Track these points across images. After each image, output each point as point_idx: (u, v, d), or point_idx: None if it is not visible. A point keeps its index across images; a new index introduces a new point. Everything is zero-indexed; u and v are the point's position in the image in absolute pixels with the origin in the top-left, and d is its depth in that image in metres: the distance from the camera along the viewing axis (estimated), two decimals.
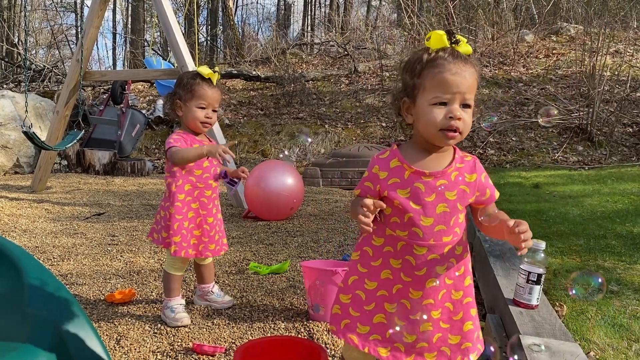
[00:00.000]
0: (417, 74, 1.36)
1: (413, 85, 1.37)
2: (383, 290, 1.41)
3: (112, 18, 23.23)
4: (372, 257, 1.43)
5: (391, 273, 1.40)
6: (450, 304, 1.41)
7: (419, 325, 1.39)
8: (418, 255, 1.38)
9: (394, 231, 1.40)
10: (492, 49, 11.15)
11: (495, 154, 7.51)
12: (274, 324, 2.37)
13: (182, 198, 2.37)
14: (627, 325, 2.10)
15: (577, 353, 1.64)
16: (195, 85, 2.34)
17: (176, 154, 2.29)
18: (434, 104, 1.33)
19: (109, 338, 2.20)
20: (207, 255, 2.48)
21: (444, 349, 1.40)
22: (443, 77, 1.31)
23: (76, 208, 5.23)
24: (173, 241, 2.33)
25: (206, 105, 2.34)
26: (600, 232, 3.49)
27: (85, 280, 2.98)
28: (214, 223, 2.46)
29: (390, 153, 1.43)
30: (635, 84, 8.20)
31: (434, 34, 1.34)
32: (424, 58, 1.34)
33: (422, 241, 1.37)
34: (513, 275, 2.37)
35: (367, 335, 1.41)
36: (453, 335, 1.41)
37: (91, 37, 5.78)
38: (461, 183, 1.39)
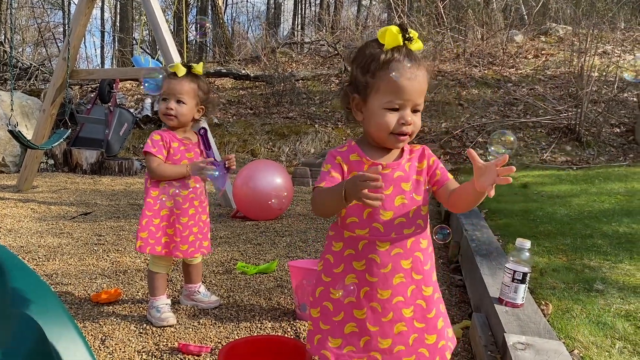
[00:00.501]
0: (371, 73, 1.33)
1: (366, 84, 1.34)
2: (350, 297, 1.36)
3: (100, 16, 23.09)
4: (334, 264, 1.39)
5: (356, 277, 1.36)
6: (422, 301, 1.37)
7: (392, 327, 1.34)
8: (381, 251, 1.34)
9: (353, 231, 1.37)
10: (482, 49, 11.20)
11: (484, 153, 7.54)
12: (261, 323, 2.36)
13: (155, 195, 2.37)
14: (611, 324, 2.12)
15: (561, 351, 1.64)
16: (163, 81, 2.37)
17: (156, 170, 2.32)
18: (386, 108, 1.32)
19: (94, 338, 2.18)
20: (178, 256, 2.44)
21: (422, 351, 1.36)
22: (399, 82, 1.29)
23: (62, 207, 5.19)
24: (139, 237, 2.34)
25: (167, 96, 2.33)
26: (587, 231, 3.51)
27: (70, 280, 2.95)
28: (189, 224, 2.42)
29: (349, 148, 1.41)
30: (623, 84, 8.26)
31: (389, 31, 1.31)
32: (380, 58, 1.31)
33: (384, 236, 1.34)
34: (499, 274, 2.38)
35: (341, 348, 1.35)
36: (429, 334, 1.37)
37: (78, 35, 5.73)
38: (414, 173, 1.39)
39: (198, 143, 2.49)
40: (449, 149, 7.75)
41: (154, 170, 2.32)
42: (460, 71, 10.36)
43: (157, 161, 2.32)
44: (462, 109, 8.90)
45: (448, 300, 2.71)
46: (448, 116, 8.71)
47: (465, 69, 10.41)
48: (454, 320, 2.47)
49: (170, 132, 2.39)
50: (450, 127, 8.28)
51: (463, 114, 8.72)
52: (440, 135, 8.06)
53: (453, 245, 3.45)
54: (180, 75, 2.33)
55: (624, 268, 2.78)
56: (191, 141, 2.46)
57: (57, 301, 1.59)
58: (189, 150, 2.43)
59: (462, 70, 10.34)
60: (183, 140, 2.42)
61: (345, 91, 1.41)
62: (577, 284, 2.53)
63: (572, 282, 2.56)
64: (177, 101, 2.34)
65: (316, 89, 10.90)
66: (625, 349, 1.93)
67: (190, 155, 2.42)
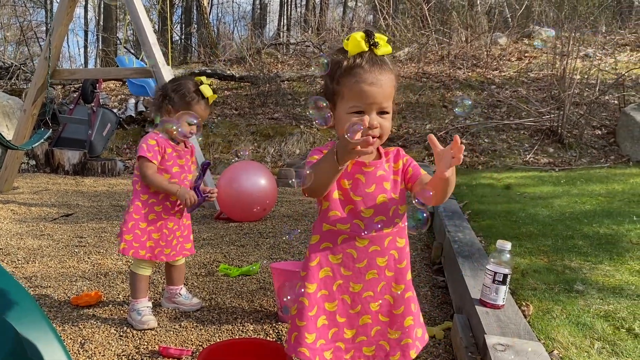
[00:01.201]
0: (336, 80, 1.36)
1: (333, 91, 1.38)
2: (323, 291, 1.39)
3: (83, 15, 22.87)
4: (309, 258, 1.42)
5: (330, 270, 1.39)
6: (390, 296, 1.42)
7: (358, 319, 1.39)
8: (359, 247, 1.38)
9: (334, 225, 1.39)
10: (466, 52, 11.28)
11: (468, 155, 7.59)
12: (243, 326, 2.35)
13: (145, 199, 2.36)
14: (590, 324, 2.14)
15: (540, 352, 1.66)
16: (192, 101, 2.34)
17: (150, 178, 2.30)
18: (351, 113, 1.34)
19: (73, 342, 2.15)
20: (162, 260, 2.44)
21: (382, 343, 1.40)
22: (359, 87, 1.32)
23: (43, 209, 5.12)
24: (124, 239, 2.33)
25: (197, 122, 2.32)
26: (568, 232, 3.55)
27: (50, 282, 2.91)
28: (174, 228, 2.44)
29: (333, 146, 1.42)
30: (604, 87, 8.37)
31: (352, 37, 1.34)
32: (342, 64, 1.34)
33: (364, 233, 1.38)
34: (481, 275, 2.39)
35: (315, 342, 1.37)
36: (393, 329, 1.41)
37: (60, 35, 5.66)
38: (392, 173, 1.43)
39: (189, 151, 2.49)
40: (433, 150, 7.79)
41: (148, 177, 2.31)
42: (444, 73, 10.42)
43: (152, 168, 2.31)
44: (446, 110, 8.95)
45: (430, 302, 2.72)
46: (432, 118, 8.76)
47: (449, 71, 10.48)
48: (435, 321, 2.48)
49: (166, 140, 2.38)
50: (435, 128, 8.33)
51: (447, 115, 8.77)
52: (424, 137, 8.09)
53: (436, 246, 3.46)
54: (211, 102, 2.37)
55: (603, 269, 2.81)
56: (184, 148, 2.46)
57: (34, 305, 1.57)
58: (181, 157, 2.44)
59: (447, 72, 10.40)
60: (176, 146, 2.42)
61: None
62: (558, 285, 2.56)
63: (553, 283, 2.58)
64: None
65: (301, 90, 10.89)
66: (604, 349, 1.95)
67: (181, 162, 2.43)
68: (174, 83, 2.41)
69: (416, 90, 9.66)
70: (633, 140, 7.03)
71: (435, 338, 2.27)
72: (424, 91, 9.57)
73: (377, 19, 14.00)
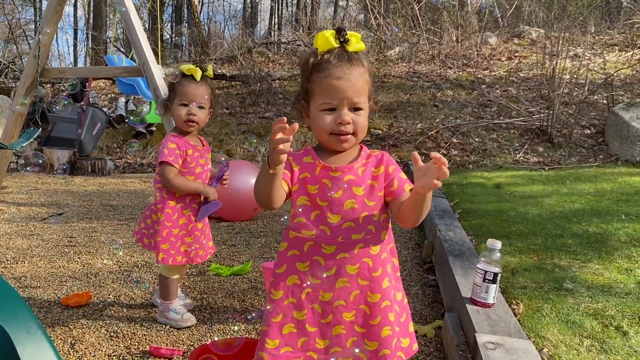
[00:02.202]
0: (306, 78, 1.35)
1: (306, 90, 1.37)
2: (291, 298, 1.35)
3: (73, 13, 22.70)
4: (277, 264, 1.39)
5: (298, 278, 1.35)
6: (366, 306, 1.35)
7: (330, 329, 1.35)
8: (327, 254, 1.34)
9: (300, 232, 1.36)
10: (457, 51, 11.32)
11: (459, 154, 7.62)
12: (234, 325, 2.35)
13: (174, 205, 2.31)
14: (579, 322, 2.16)
15: (530, 350, 1.67)
16: (176, 84, 2.31)
17: (173, 182, 2.25)
18: (322, 110, 1.33)
19: (63, 342, 2.14)
20: (197, 262, 2.41)
21: (359, 355, 1.34)
22: (328, 82, 1.31)
23: (33, 209, 5.08)
24: (161, 249, 2.28)
25: (188, 102, 2.28)
26: (558, 231, 3.58)
27: (40, 283, 2.89)
28: (203, 229, 2.42)
29: (305, 151, 1.43)
30: (593, 87, 8.43)
31: (320, 35, 1.33)
32: (310, 62, 1.34)
33: (330, 239, 1.34)
34: (471, 274, 2.41)
35: (278, 348, 1.34)
36: (370, 340, 1.35)
37: (49, 33, 5.61)
38: (368, 177, 1.38)
39: (206, 148, 2.45)
40: (424, 149, 7.81)
41: (171, 181, 2.25)
42: (435, 72, 10.45)
43: (174, 171, 2.26)
44: (437, 110, 8.98)
45: (421, 300, 2.73)
46: (423, 117, 8.78)
47: (440, 70, 10.51)
48: (426, 320, 2.49)
49: (183, 138, 2.33)
50: (425, 127, 8.35)
51: (438, 114, 8.80)
52: (415, 136, 8.12)
53: (427, 245, 3.48)
54: (199, 79, 2.29)
55: (592, 267, 2.84)
56: (201, 147, 2.42)
57: (23, 305, 1.56)
58: (202, 156, 2.39)
59: (437, 72, 10.43)
60: (196, 146, 2.37)
61: (295, 99, 1.43)
62: (548, 283, 2.58)
63: (543, 281, 2.60)
64: (198, 107, 2.30)
65: (293, 89, 10.88)
66: (593, 347, 1.97)
67: (202, 161, 2.39)
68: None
69: (407, 90, 9.68)
70: (621, 139, 7.09)
71: (427, 337, 2.28)
72: (414, 90, 9.60)
73: (368, 18, 14.02)
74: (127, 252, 3.55)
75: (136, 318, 2.43)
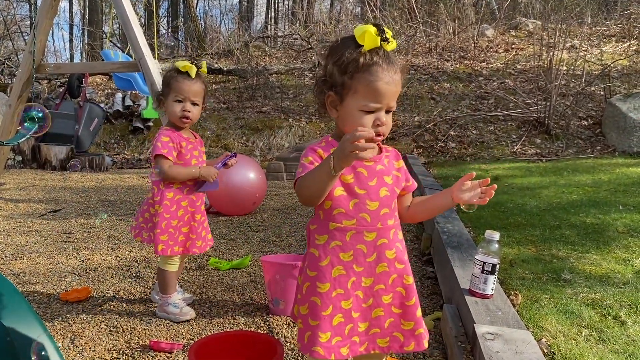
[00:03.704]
0: (349, 74, 1.32)
1: (342, 84, 1.34)
2: (339, 290, 1.38)
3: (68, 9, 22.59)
4: (319, 258, 1.39)
5: (343, 268, 1.38)
6: (402, 288, 1.41)
7: (370, 311, 1.40)
8: (368, 241, 1.38)
9: (340, 222, 1.38)
10: (454, 44, 11.30)
11: (456, 147, 7.62)
12: (234, 319, 2.35)
13: (171, 197, 2.34)
14: (577, 312, 2.17)
15: (529, 340, 1.68)
16: (171, 79, 2.33)
17: (168, 172, 2.28)
18: (362, 111, 1.33)
19: (63, 337, 2.14)
20: (195, 252, 2.43)
21: (396, 335, 1.40)
22: (377, 86, 1.30)
23: (31, 205, 5.08)
24: (160, 240, 2.30)
25: (183, 99, 2.30)
26: (556, 222, 3.59)
27: (39, 279, 2.89)
28: (201, 220, 2.45)
29: (327, 143, 1.41)
30: (590, 78, 8.43)
31: (368, 32, 1.30)
32: (359, 61, 1.31)
33: (370, 226, 1.37)
34: (470, 265, 2.41)
35: (330, 341, 1.36)
36: (406, 320, 1.41)
37: (44, 29, 5.58)
38: (393, 169, 1.44)
39: (198, 141, 2.47)
40: (422, 142, 7.82)
41: (167, 172, 2.28)
42: (432, 65, 10.44)
43: (168, 163, 2.29)
44: (435, 102, 8.98)
45: (420, 292, 2.74)
46: (421, 110, 8.78)
47: (437, 63, 10.50)
48: (425, 311, 2.50)
49: (176, 132, 2.36)
50: (423, 120, 8.35)
51: (435, 107, 8.79)
52: (413, 129, 8.11)
53: (425, 237, 3.48)
54: (194, 76, 2.31)
55: (590, 258, 2.85)
56: (194, 139, 2.45)
57: (22, 300, 1.56)
58: (195, 148, 2.42)
59: (435, 64, 10.42)
60: (189, 139, 2.40)
61: (320, 87, 1.41)
62: (546, 274, 2.59)
63: (541, 272, 2.61)
64: (192, 103, 2.32)
65: (290, 83, 10.86)
66: (591, 336, 1.98)
67: (196, 153, 2.42)
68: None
69: (404, 83, 9.64)
70: (619, 130, 7.10)
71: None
72: (412, 83, 9.59)
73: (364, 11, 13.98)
74: (125, 248, 3.55)
75: (136, 313, 2.43)
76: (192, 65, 2.31)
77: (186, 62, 2.32)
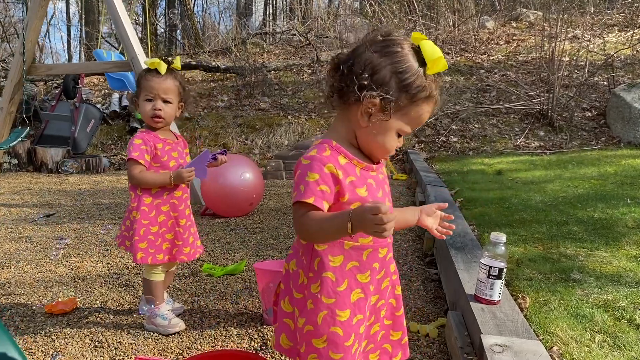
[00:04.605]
0: (410, 95, 1.17)
1: (397, 99, 1.17)
2: (359, 315, 1.24)
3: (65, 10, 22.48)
4: (336, 282, 1.23)
5: (362, 291, 1.24)
6: (393, 299, 1.37)
7: (371, 328, 1.33)
8: (380, 258, 1.28)
9: (357, 241, 1.24)
10: (454, 36, 11.14)
11: (458, 141, 7.49)
12: (226, 330, 2.23)
13: (149, 202, 2.21)
14: (589, 316, 2.04)
15: (540, 352, 1.55)
16: (140, 78, 2.20)
17: (137, 177, 2.15)
18: (399, 132, 1.23)
19: (44, 354, 2.02)
20: (182, 260, 2.30)
21: (385, 347, 1.36)
22: (424, 117, 1.23)
23: (24, 210, 4.96)
24: (139, 248, 2.17)
25: (153, 97, 2.17)
26: (562, 218, 3.46)
27: (24, 289, 2.77)
28: (187, 225, 2.30)
29: (332, 150, 1.22)
30: (593, 68, 8.28)
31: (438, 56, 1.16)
32: (425, 87, 1.18)
33: (384, 241, 1.28)
34: (475, 267, 2.29)
35: None
36: (395, 331, 1.37)
37: (35, 29, 5.47)
38: (385, 177, 1.36)
39: (179, 142, 2.33)
40: (423, 137, 7.68)
41: (135, 177, 2.15)
42: None
43: (139, 168, 2.15)
44: None
45: (423, 297, 2.62)
46: None
47: None
48: (429, 317, 2.38)
49: (152, 133, 2.22)
50: None
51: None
52: None
53: (428, 237, 3.36)
54: (163, 72, 2.17)
55: (600, 255, 2.73)
56: (174, 140, 2.31)
57: None
58: (174, 149, 2.27)
59: None
60: (167, 139, 2.26)
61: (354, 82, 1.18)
62: (554, 274, 2.46)
63: (549, 272, 2.49)
64: (164, 101, 2.18)
65: (288, 79, 10.72)
66: (605, 342, 1.85)
67: (175, 154, 2.27)
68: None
69: None
70: (624, 121, 6.95)
71: (429, 337, 2.16)
72: None
73: (363, 5, 13.82)
74: (116, 254, 3.43)
75: (123, 325, 2.31)
76: (162, 61, 2.18)
77: (155, 59, 2.18)
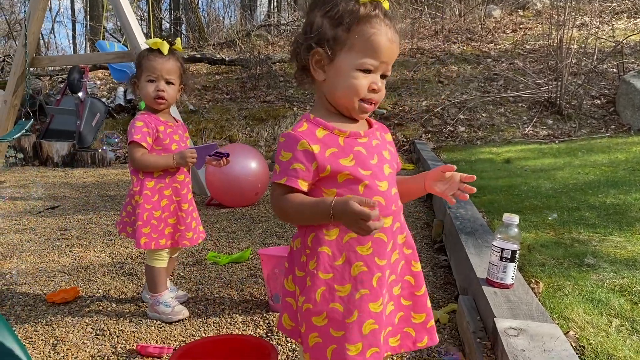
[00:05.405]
0: (345, 26, 1.12)
1: (335, 38, 1.13)
2: (362, 290, 1.14)
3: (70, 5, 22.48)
4: (333, 257, 1.15)
5: (364, 264, 1.15)
6: (411, 277, 1.24)
7: (386, 308, 1.19)
8: (386, 228, 1.16)
9: None
10: (460, 25, 11.02)
11: (466, 130, 7.40)
12: (231, 317, 2.18)
13: (152, 186, 2.16)
14: (605, 300, 1.98)
15: (557, 335, 1.49)
16: (142, 59, 2.15)
17: (139, 160, 2.10)
18: (360, 70, 1.13)
19: (45, 343, 1.98)
20: (185, 245, 2.25)
21: (407, 330, 1.22)
22: (378, 40, 1.12)
23: (29, 202, 4.93)
24: (142, 233, 2.12)
25: (155, 78, 2.12)
26: (574, 204, 3.39)
27: (26, 279, 2.73)
28: (189, 210, 2.26)
29: (309, 123, 1.17)
30: (602, 55, 8.16)
31: None
32: (359, 11, 1.12)
33: (386, 209, 1.17)
34: (486, 252, 2.22)
35: (363, 353, 1.13)
36: (417, 313, 1.23)
37: (37, 20, 5.43)
38: (386, 142, 1.26)
39: (179, 125, 2.29)
40: (430, 127, 7.59)
41: (137, 160, 2.10)
42: (439, 48, 10.18)
43: (141, 151, 2.10)
44: (442, 86, 8.73)
45: (433, 283, 2.56)
46: (428, 94, 8.54)
47: (444, 45, 10.23)
48: (439, 303, 2.32)
49: (153, 115, 2.17)
50: (431, 104, 8.11)
51: (443, 91, 8.55)
52: (421, 114, 7.89)
53: (436, 224, 3.29)
54: (166, 52, 2.12)
55: (614, 240, 2.65)
56: (175, 122, 2.26)
57: None
58: (175, 132, 2.24)
59: (441, 47, 10.16)
60: (167, 122, 2.21)
61: (301, 44, 1.18)
62: (567, 259, 2.39)
63: (562, 257, 2.42)
64: (167, 82, 2.13)
65: (293, 71, 10.64)
66: (623, 326, 1.79)
67: (176, 137, 2.23)
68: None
69: (410, 67, 9.42)
70: (634, 108, 6.84)
71: (440, 322, 2.10)
72: (418, 67, 9.34)
73: None
74: (120, 244, 3.39)
75: (125, 313, 2.26)
76: (164, 41, 2.12)
77: (157, 39, 2.12)
